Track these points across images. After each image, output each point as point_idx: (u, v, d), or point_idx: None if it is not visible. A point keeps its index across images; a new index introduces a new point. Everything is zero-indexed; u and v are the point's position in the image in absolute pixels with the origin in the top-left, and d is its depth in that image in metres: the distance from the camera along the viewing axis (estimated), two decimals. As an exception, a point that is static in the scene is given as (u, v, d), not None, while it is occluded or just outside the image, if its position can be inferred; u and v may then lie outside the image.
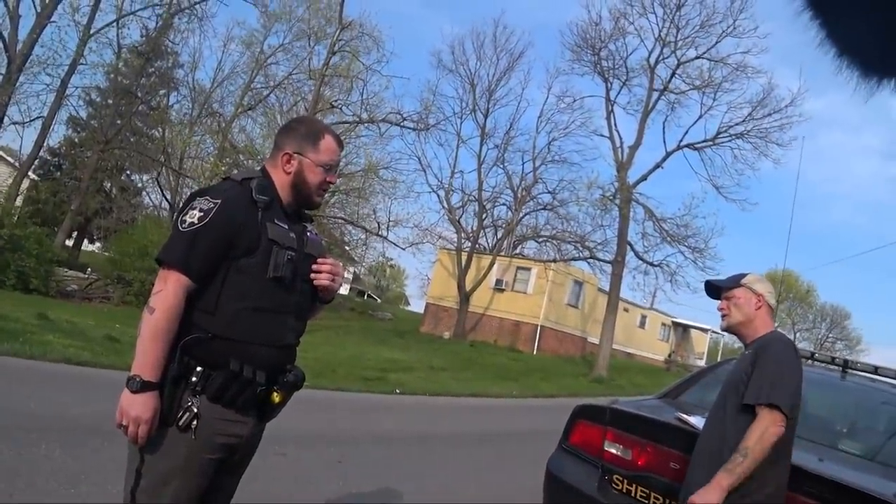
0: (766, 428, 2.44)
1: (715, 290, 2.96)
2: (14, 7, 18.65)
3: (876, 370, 4.13)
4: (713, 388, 3.34)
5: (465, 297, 29.58)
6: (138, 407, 1.91)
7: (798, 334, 59.09)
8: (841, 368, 4.24)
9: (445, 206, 32.10)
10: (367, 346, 19.66)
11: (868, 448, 3.54)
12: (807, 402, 3.21)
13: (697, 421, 3.09)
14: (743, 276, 2.90)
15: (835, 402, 4.28)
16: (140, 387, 1.91)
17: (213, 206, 2.03)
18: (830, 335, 62.86)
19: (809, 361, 4.35)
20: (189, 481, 1.99)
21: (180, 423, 1.96)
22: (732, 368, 2.87)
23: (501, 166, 32.50)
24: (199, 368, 1.99)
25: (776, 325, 2.94)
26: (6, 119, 19.12)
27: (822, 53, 0.69)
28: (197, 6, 22.19)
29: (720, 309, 2.90)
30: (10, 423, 4.94)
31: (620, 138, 26.99)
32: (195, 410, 1.97)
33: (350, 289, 49.59)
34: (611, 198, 26.94)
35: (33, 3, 18.87)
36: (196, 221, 2.01)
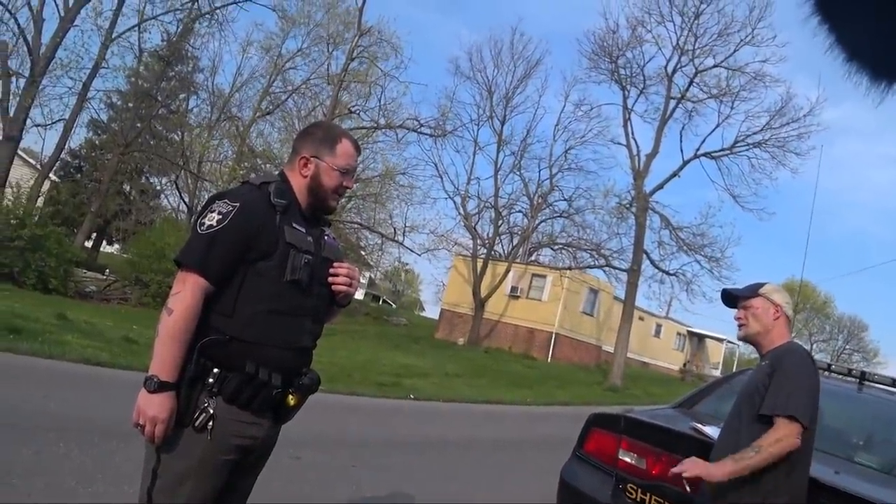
0: (782, 436, 2.43)
1: (732, 299, 2.93)
2: (38, 11, 18.88)
3: (893, 383, 4.09)
4: (729, 398, 3.31)
5: (480, 303, 29.53)
6: (155, 407, 1.92)
7: (815, 345, 58.54)
8: (858, 380, 4.20)
9: (461, 212, 32.14)
10: (381, 351, 19.68)
11: (885, 461, 3.50)
12: (823, 415, 3.18)
13: (712, 431, 3.08)
14: (760, 285, 2.87)
15: (852, 415, 4.23)
16: (157, 387, 1.93)
17: (231, 209, 2.05)
18: (847, 347, 62.22)
19: (826, 373, 4.30)
20: (204, 482, 2.01)
21: (196, 424, 1.98)
22: (748, 379, 2.84)
23: (518, 173, 32.50)
24: (215, 370, 2.00)
25: (793, 335, 2.91)
26: (29, 121, 19.31)
27: (831, 59, 0.70)
28: (217, 11, 22.33)
29: (737, 318, 2.88)
30: (29, 422, 5.00)
31: (637, 146, 26.87)
32: (211, 411, 1.99)
33: (365, 294, 49.70)
34: (627, 206, 26.86)
35: (57, 7, 19.12)
36: (214, 224, 2.02)
